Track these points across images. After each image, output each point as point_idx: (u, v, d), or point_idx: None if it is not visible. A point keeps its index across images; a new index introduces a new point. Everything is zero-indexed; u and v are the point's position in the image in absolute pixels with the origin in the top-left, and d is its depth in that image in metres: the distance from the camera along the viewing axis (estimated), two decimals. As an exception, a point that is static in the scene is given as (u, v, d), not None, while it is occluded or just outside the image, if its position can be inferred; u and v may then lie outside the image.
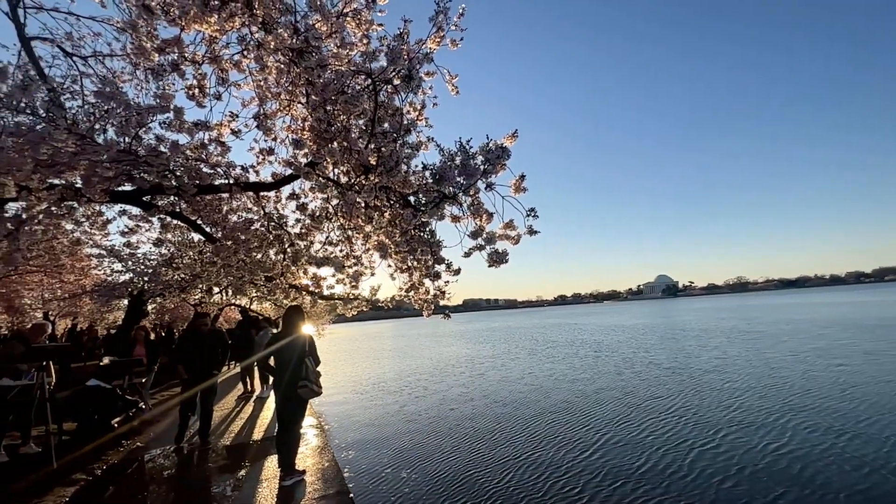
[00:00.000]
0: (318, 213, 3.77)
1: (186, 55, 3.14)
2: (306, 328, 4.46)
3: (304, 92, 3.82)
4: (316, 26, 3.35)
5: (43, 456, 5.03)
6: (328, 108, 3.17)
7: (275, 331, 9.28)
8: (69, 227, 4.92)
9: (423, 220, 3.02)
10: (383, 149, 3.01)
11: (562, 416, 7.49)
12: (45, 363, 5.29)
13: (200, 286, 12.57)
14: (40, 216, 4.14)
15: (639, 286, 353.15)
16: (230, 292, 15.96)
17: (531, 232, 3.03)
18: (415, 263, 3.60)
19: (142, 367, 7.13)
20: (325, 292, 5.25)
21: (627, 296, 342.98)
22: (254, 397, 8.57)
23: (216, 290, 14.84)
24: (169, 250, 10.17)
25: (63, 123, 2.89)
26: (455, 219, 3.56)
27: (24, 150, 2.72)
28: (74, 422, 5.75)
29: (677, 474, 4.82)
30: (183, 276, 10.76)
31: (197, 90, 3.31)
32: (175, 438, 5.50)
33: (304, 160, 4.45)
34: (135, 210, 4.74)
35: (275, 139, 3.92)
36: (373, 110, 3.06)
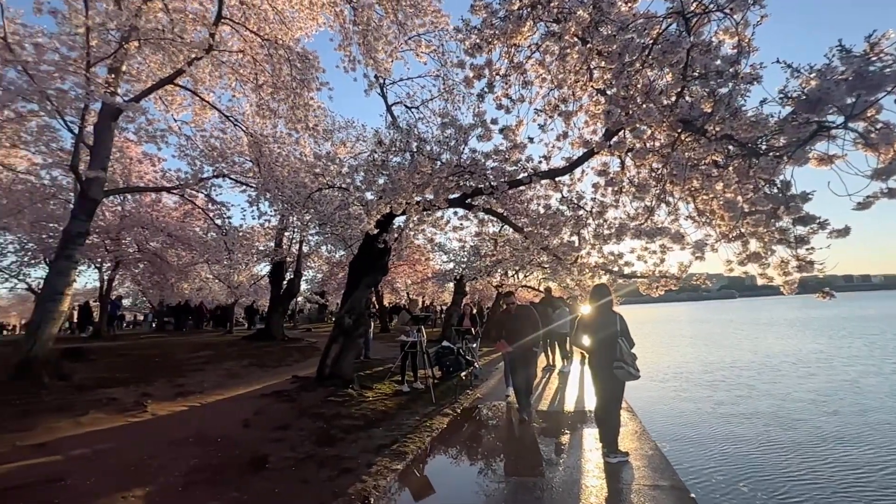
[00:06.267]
0: (637, 183, 3.57)
1: (494, 71, 3.66)
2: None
3: (590, 67, 3.70)
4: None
5: (426, 392, 7.19)
6: (628, 71, 2.92)
7: (568, 310, 9.78)
8: (429, 229, 6.87)
9: (782, 166, 2.28)
10: (717, 91, 2.47)
11: None
12: (420, 327, 7.58)
13: (500, 270, 14.78)
14: (411, 224, 6.00)
15: None
16: (521, 275, 17.98)
17: None
18: (761, 228, 2.81)
19: (472, 335, 9.09)
20: (625, 271, 4.99)
21: None
22: (556, 370, 9.31)
23: (510, 273, 17.08)
24: (474, 242, 12.47)
25: (426, 154, 4.00)
26: (825, 160, 2.54)
27: (407, 179, 3.99)
28: (440, 370, 7.95)
29: None
30: (487, 263, 12.96)
31: (503, 98, 3.80)
32: (521, 407, 6.47)
33: (593, 137, 4.35)
34: (461, 211, 6.09)
35: (567, 123, 4.02)
36: (686, 52, 2.57)
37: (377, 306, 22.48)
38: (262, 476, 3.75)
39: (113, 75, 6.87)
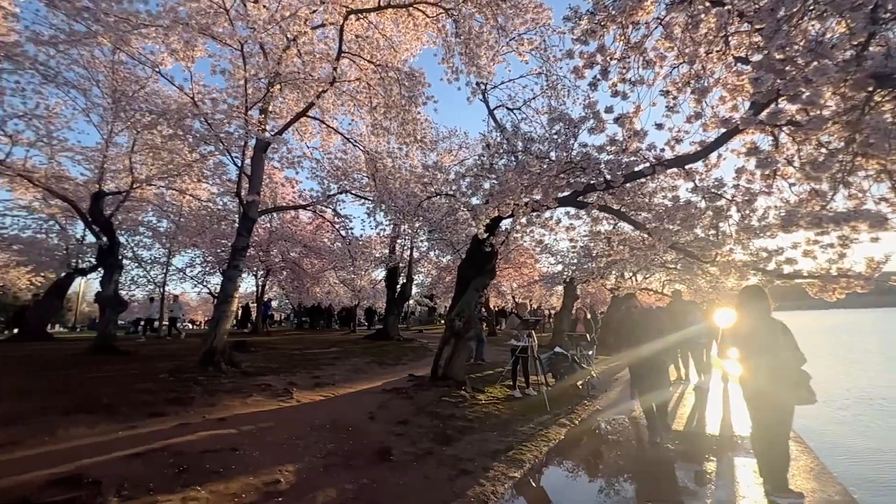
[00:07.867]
0: (810, 161, 2.92)
1: (608, 56, 3.37)
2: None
3: (727, 34, 3.16)
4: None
5: (539, 399, 6.94)
6: (784, 28, 2.39)
7: (701, 315, 8.47)
8: (537, 231, 6.70)
9: None
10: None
11: None
12: (531, 332, 7.37)
13: (615, 272, 13.63)
14: (518, 226, 5.91)
15: None
16: (640, 277, 16.31)
17: None
18: None
19: (587, 341, 8.50)
20: (785, 269, 4.08)
21: None
22: (692, 385, 8.14)
23: (627, 274, 15.63)
24: (584, 242, 11.72)
25: (533, 153, 3.88)
26: None
27: (515, 180, 3.93)
28: (553, 377, 7.61)
29: None
30: (600, 264, 12.05)
31: (620, 83, 3.47)
32: (650, 426, 5.46)
33: (733, 115, 3.71)
34: (572, 210, 5.77)
35: (700, 102, 3.48)
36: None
37: (485, 310, 22.64)
38: (387, 467, 4.03)
39: (263, 115, 8.27)
